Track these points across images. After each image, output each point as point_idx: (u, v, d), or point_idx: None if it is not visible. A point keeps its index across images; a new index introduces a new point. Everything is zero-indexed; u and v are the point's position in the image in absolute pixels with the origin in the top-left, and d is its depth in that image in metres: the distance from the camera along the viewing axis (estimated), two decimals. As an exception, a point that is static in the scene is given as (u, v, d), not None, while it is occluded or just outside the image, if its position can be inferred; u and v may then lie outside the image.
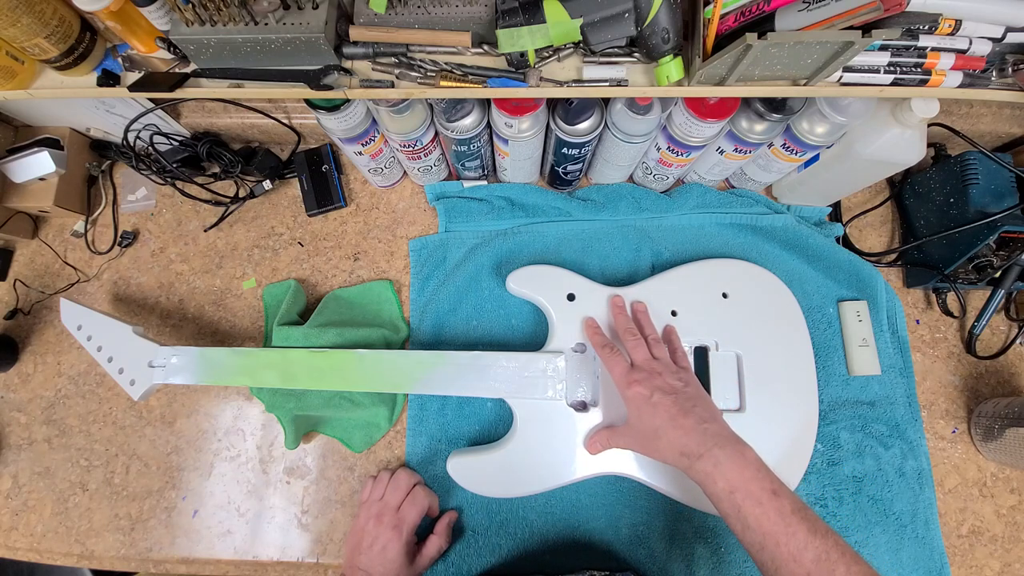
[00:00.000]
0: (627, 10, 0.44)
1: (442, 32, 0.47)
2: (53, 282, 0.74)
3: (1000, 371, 0.66)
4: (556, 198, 0.69)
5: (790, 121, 0.56)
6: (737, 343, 0.60)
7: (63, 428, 0.68)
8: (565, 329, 0.60)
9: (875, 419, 0.62)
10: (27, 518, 0.66)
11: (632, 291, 0.62)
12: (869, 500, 0.60)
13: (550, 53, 0.48)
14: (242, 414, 0.67)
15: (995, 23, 0.44)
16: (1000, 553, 0.61)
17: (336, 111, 0.55)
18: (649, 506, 0.60)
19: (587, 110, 0.56)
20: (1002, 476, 0.63)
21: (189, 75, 0.50)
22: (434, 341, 0.66)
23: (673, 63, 0.46)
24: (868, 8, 0.39)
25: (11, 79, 0.52)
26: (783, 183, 0.70)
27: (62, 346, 0.71)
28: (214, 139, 0.71)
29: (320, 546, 0.63)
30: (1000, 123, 0.65)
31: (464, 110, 0.56)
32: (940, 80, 0.46)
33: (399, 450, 0.65)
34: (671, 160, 0.62)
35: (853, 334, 0.64)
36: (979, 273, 0.62)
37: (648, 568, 0.59)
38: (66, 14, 0.50)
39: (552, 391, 0.57)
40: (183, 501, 0.65)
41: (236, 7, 0.44)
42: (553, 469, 0.56)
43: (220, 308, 0.71)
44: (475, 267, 0.68)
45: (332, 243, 0.72)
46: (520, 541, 0.60)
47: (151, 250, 0.74)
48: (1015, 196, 0.59)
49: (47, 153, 0.67)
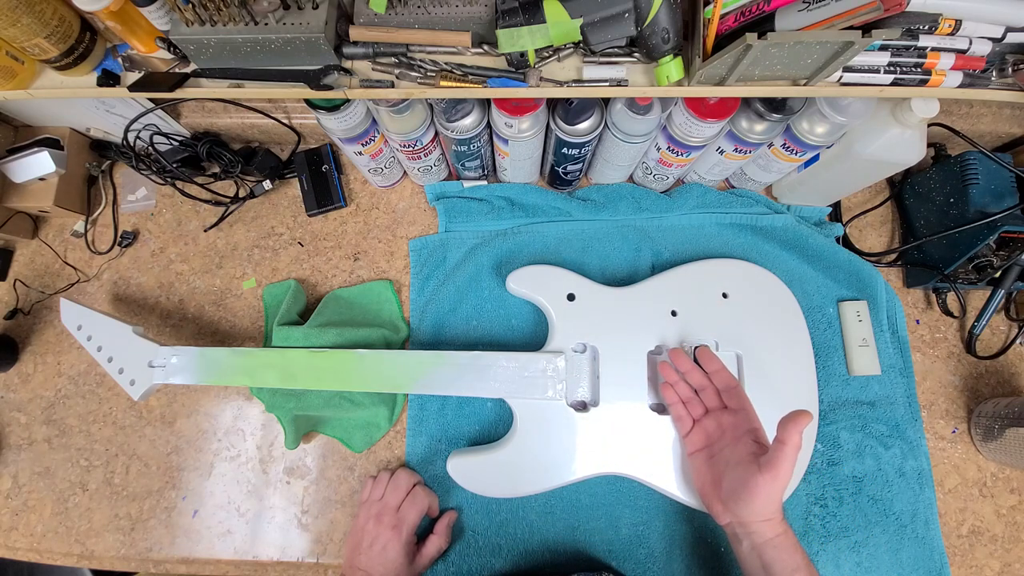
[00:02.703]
0: (627, 10, 0.44)
1: (442, 32, 0.47)
2: (53, 282, 0.74)
3: (1000, 371, 0.66)
4: (556, 198, 0.69)
5: (790, 121, 0.56)
6: (737, 343, 0.60)
7: (63, 428, 0.68)
8: (565, 329, 0.60)
9: (875, 419, 0.62)
10: (27, 518, 0.66)
11: (632, 291, 0.62)
12: (869, 500, 0.60)
13: (550, 53, 0.48)
14: (242, 414, 0.67)
15: (995, 23, 0.44)
16: (1000, 553, 0.61)
17: (336, 111, 0.55)
18: (649, 506, 0.60)
19: (587, 110, 0.56)
20: (1002, 476, 0.63)
21: (189, 75, 0.50)
22: (434, 341, 0.66)
23: (673, 63, 0.46)
24: (868, 8, 0.39)
25: (11, 79, 0.52)
26: (783, 183, 0.70)
27: (62, 346, 0.71)
28: (214, 139, 0.71)
29: (320, 546, 0.63)
30: (1000, 123, 0.65)
31: (464, 110, 0.56)
32: (940, 80, 0.46)
33: (399, 450, 0.65)
34: (671, 160, 0.62)
35: (853, 334, 0.64)
36: (979, 273, 0.62)
37: (648, 568, 0.59)
38: (66, 14, 0.50)
39: (552, 391, 0.57)
40: (183, 501, 0.65)
41: (236, 7, 0.44)
42: (553, 469, 0.56)
43: (220, 308, 0.71)
44: (475, 267, 0.68)
45: (332, 243, 0.72)
46: (520, 541, 0.60)
47: (151, 250, 0.74)
48: (1015, 196, 0.59)
49: (47, 153, 0.67)
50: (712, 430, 0.53)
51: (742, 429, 0.51)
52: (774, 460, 0.46)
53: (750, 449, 0.49)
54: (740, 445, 0.50)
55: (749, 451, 0.49)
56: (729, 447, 0.51)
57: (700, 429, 0.54)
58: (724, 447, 0.51)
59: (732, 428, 0.52)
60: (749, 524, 0.47)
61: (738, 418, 0.52)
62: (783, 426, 0.47)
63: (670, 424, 0.57)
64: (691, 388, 0.56)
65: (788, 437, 0.46)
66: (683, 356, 0.56)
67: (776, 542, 0.46)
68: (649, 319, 0.60)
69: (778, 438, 0.47)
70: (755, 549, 0.46)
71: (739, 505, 0.47)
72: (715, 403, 0.54)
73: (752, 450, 0.49)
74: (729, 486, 0.49)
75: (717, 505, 0.50)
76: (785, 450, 0.46)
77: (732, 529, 0.49)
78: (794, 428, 0.46)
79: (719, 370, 0.55)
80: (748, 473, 0.47)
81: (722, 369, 0.55)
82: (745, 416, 0.52)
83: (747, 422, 0.51)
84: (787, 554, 0.46)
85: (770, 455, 0.47)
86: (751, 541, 0.47)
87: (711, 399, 0.55)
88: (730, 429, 0.52)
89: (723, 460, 0.51)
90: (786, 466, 0.46)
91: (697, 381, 0.56)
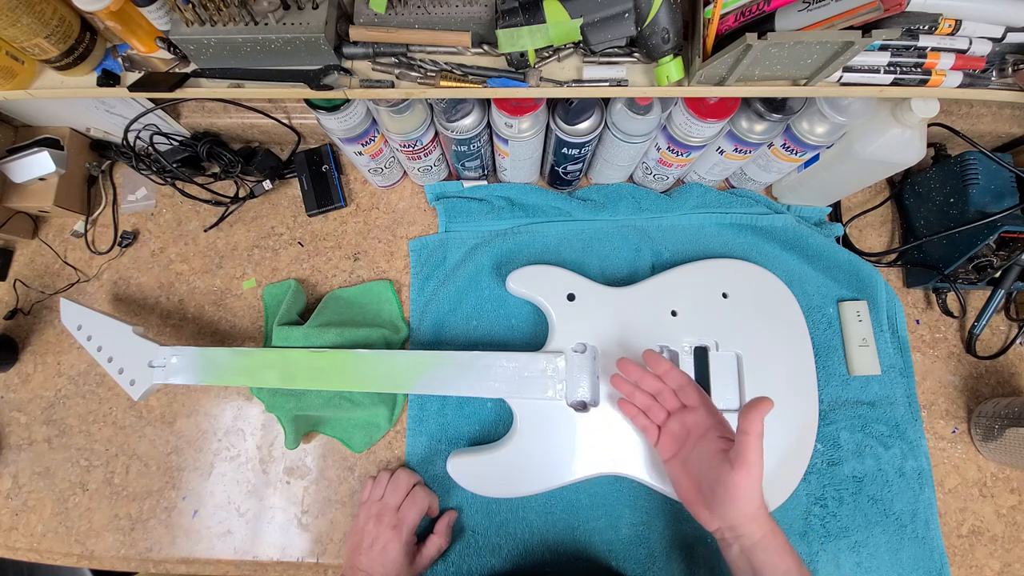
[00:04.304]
0: (627, 10, 0.44)
1: (442, 32, 0.47)
2: (53, 282, 0.74)
3: (1000, 371, 0.66)
4: (556, 198, 0.69)
5: (790, 121, 0.56)
6: (737, 343, 0.60)
7: (63, 428, 0.68)
8: (565, 329, 0.60)
9: (875, 419, 0.62)
10: (27, 518, 0.66)
11: (632, 291, 0.62)
12: (869, 500, 0.60)
13: (550, 53, 0.48)
14: (242, 414, 0.67)
15: (995, 23, 0.44)
16: (1000, 553, 0.61)
17: (336, 111, 0.55)
18: (649, 506, 0.60)
19: (587, 110, 0.56)
20: (1002, 476, 0.63)
21: (189, 75, 0.50)
22: (434, 341, 0.66)
23: (673, 63, 0.46)
24: (868, 8, 0.39)
25: (11, 79, 0.52)
26: (783, 183, 0.70)
27: (62, 346, 0.71)
28: (214, 139, 0.71)
29: (320, 546, 0.63)
30: (1000, 123, 0.65)
31: (464, 110, 0.56)
32: (940, 80, 0.46)
33: (399, 450, 0.65)
34: (671, 160, 0.62)
35: (853, 334, 0.64)
36: (979, 273, 0.62)
37: (648, 568, 0.59)
38: (66, 14, 0.50)
39: (552, 391, 0.57)
40: (183, 501, 0.65)
41: (236, 7, 0.44)
42: (553, 469, 0.56)
43: (220, 308, 0.71)
44: (475, 267, 0.68)
45: (332, 243, 0.72)
46: (520, 541, 0.60)
47: (151, 250, 0.74)
48: (1015, 196, 0.59)
49: (47, 153, 0.67)
50: (678, 431, 0.52)
51: (705, 425, 0.50)
52: (742, 453, 0.45)
53: (718, 446, 0.48)
54: (707, 442, 0.49)
55: (717, 448, 0.48)
56: (698, 446, 0.49)
57: (667, 434, 0.52)
58: (693, 447, 0.50)
59: (695, 426, 0.50)
60: (737, 527, 0.46)
61: (698, 415, 0.51)
62: (744, 415, 0.45)
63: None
64: (648, 395, 0.54)
65: (750, 426, 0.44)
66: (630, 364, 0.54)
67: (765, 543, 0.45)
68: (649, 319, 0.60)
69: (740, 428, 0.45)
70: (744, 553, 0.45)
71: (723, 507, 0.46)
72: (674, 404, 0.53)
73: (720, 446, 0.47)
74: (708, 488, 0.47)
75: (703, 511, 0.48)
76: (750, 440, 0.44)
77: (721, 534, 0.47)
78: (755, 415, 0.44)
79: (668, 370, 0.53)
80: (722, 472, 0.46)
81: (671, 368, 0.53)
82: (705, 411, 0.51)
83: (708, 417, 0.50)
84: (777, 556, 0.45)
85: (737, 448, 0.45)
86: (740, 545, 0.46)
87: (669, 400, 0.53)
88: (694, 427, 0.50)
89: (695, 462, 0.49)
90: (754, 456, 0.44)
91: (651, 385, 0.54)
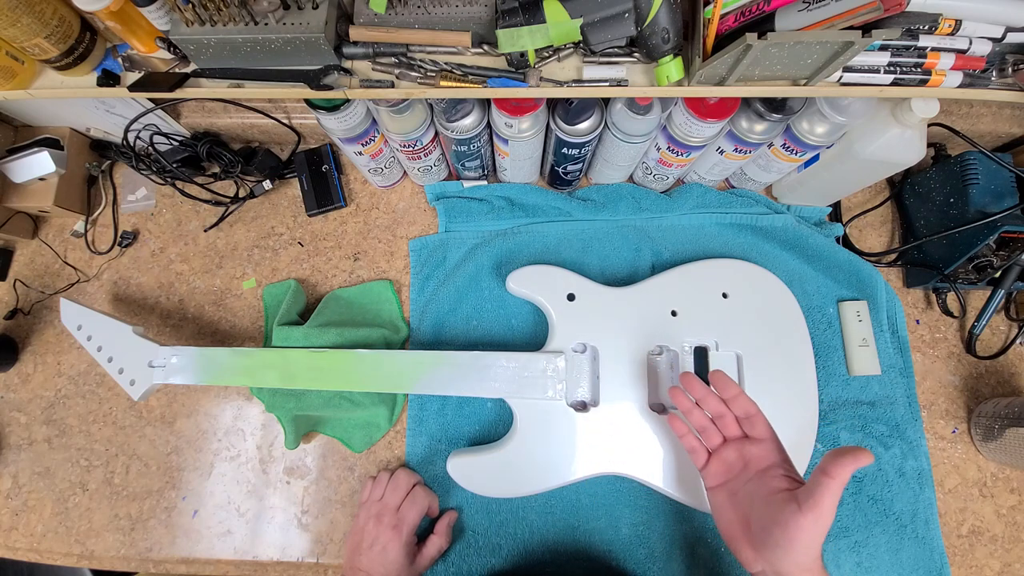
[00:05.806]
0: (627, 10, 0.44)
1: (442, 32, 0.47)
2: (53, 282, 0.74)
3: (1000, 371, 0.66)
4: (556, 198, 0.69)
5: (790, 121, 0.56)
6: (737, 343, 0.60)
7: (63, 428, 0.68)
8: (565, 329, 0.60)
9: (875, 419, 0.62)
10: (27, 518, 0.66)
11: (632, 291, 0.62)
12: (869, 500, 0.60)
13: (550, 53, 0.48)
14: (242, 414, 0.67)
15: (995, 23, 0.44)
16: (1000, 553, 0.61)
17: (336, 111, 0.55)
18: (649, 506, 0.60)
19: (587, 110, 0.56)
20: (1002, 476, 0.63)
21: (189, 75, 0.50)
22: (434, 341, 0.66)
23: (673, 63, 0.46)
24: (868, 8, 0.39)
25: (11, 79, 0.52)
26: (783, 183, 0.70)
27: (62, 346, 0.71)
28: (214, 139, 0.71)
29: (320, 546, 0.63)
30: (1000, 123, 0.65)
31: (464, 110, 0.56)
32: (940, 80, 0.46)
33: (399, 450, 0.65)
34: (671, 160, 0.62)
35: (853, 334, 0.64)
36: (979, 273, 0.62)
37: (648, 568, 0.59)
38: (66, 14, 0.50)
39: (552, 391, 0.57)
40: (183, 501, 0.65)
41: (236, 7, 0.44)
42: (553, 469, 0.56)
43: (220, 308, 0.71)
44: (475, 267, 0.68)
45: (332, 243, 0.72)
46: (520, 541, 0.60)
47: (151, 250, 0.74)
48: (1015, 196, 0.59)
49: (47, 153, 0.67)
50: (733, 461, 0.47)
51: (769, 460, 0.45)
52: (816, 496, 0.39)
53: (780, 484, 0.43)
54: (767, 479, 0.44)
55: (779, 487, 0.43)
56: (754, 481, 0.45)
57: (719, 461, 0.48)
58: (748, 481, 0.46)
59: (757, 459, 0.46)
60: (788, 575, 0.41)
61: (763, 448, 0.46)
62: (833, 459, 0.39)
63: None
64: (707, 416, 0.50)
65: (836, 471, 0.39)
66: (696, 381, 0.50)
67: None
68: (649, 319, 0.60)
69: (824, 469, 0.39)
70: None
71: (776, 552, 0.41)
72: (735, 431, 0.49)
73: (784, 485, 0.43)
74: (760, 527, 0.42)
75: (747, 550, 0.44)
76: (831, 484, 0.39)
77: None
78: (846, 463, 0.39)
79: (737, 395, 0.48)
80: (784, 513, 0.40)
81: (741, 394, 0.48)
82: (773, 446, 0.46)
83: (775, 452, 0.46)
84: None
85: (811, 489, 0.40)
86: None
87: (731, 427, 0.49)
88: (755, 460, 0.46)
89: (746, 496, 0.45)
90: (829, 503, 0.39)
91: (714, 408, 0.49)
